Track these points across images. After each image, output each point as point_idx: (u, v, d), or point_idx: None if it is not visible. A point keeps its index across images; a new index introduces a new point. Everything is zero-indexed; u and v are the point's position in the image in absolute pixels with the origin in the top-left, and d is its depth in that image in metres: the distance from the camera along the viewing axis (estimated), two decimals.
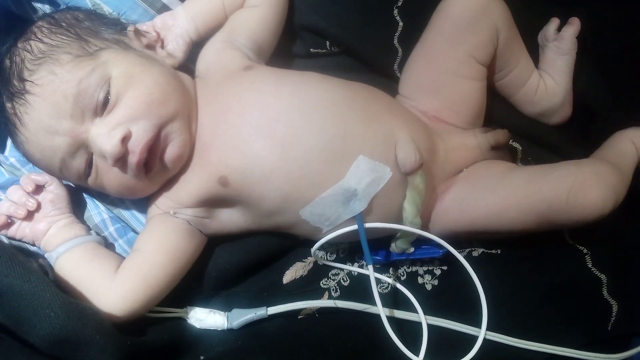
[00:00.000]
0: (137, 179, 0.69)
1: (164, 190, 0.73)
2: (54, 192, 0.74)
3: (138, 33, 0.75)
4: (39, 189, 0.75)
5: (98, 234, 0.78)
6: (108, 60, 0.67)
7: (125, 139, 0.65)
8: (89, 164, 0.69)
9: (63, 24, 0.70)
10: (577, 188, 0.68)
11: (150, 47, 0.76)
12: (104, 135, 0.65)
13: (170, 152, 0.69)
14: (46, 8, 0.82)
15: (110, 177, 0.69)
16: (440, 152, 0.77)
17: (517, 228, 0.72)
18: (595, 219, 0.68)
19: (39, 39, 0.67)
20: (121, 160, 0.66)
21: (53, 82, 0.65)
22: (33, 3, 0.82)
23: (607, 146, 0.81)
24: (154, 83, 0.68)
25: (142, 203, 0.76)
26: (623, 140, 0.80)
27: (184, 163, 0.72)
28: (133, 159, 0.66)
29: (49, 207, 0.74)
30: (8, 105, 0.68)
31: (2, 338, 0.55)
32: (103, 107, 0.66)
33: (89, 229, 0.77)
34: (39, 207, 0.74)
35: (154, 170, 0.69)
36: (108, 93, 0.66)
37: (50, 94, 0.65)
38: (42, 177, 0.74)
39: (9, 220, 0.73)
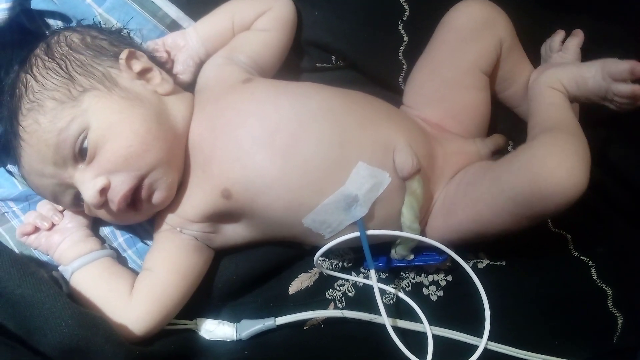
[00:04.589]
0: (126, 216, 0.71)
1: (169, 206, 0.73)
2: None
3: (132, 57, 0.73)
4: None
5: (109, 245, 0.79)
6: (89, 108, 0.67)
7: (104, 190, 0.67)
8: (79, 198, 0.71)
9: (56, 54, 0.70)
10: (537, 178, 0.62)
11: (144, 72, 0.74)
12: (84, 185, 0.67)
13: (157, 197, 0.70)
14: (59, 23, 0.84)
15: (100, 212, 0.72)
16: (438, 158, 0.76)
17: (500, 228, 0.68)
18: (574, 197, 0.61)
19: (34, 75, 0.69)
20: (105, 205, 0.69)
21: (37, 132, 0.67)
22: (46, 19, 0.84)
23: (535, 113, 0.71)
24: (133, 134, 0.68)
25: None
26: (543, 93, 0.71)
27: (187, 178, 0.73)
28: (113, 206, 0.68)
29: (67, 220, 0.76)
30: (13, 139, 0.71)
31: (14, 347, 0.56)
32: (82, 156, 0.67)
33: (102, 241, 0.78)
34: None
35: (141, 209, 0.71)
36: (86, 143, 0.67)
37: (36, 142, 0.67)
38: None
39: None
